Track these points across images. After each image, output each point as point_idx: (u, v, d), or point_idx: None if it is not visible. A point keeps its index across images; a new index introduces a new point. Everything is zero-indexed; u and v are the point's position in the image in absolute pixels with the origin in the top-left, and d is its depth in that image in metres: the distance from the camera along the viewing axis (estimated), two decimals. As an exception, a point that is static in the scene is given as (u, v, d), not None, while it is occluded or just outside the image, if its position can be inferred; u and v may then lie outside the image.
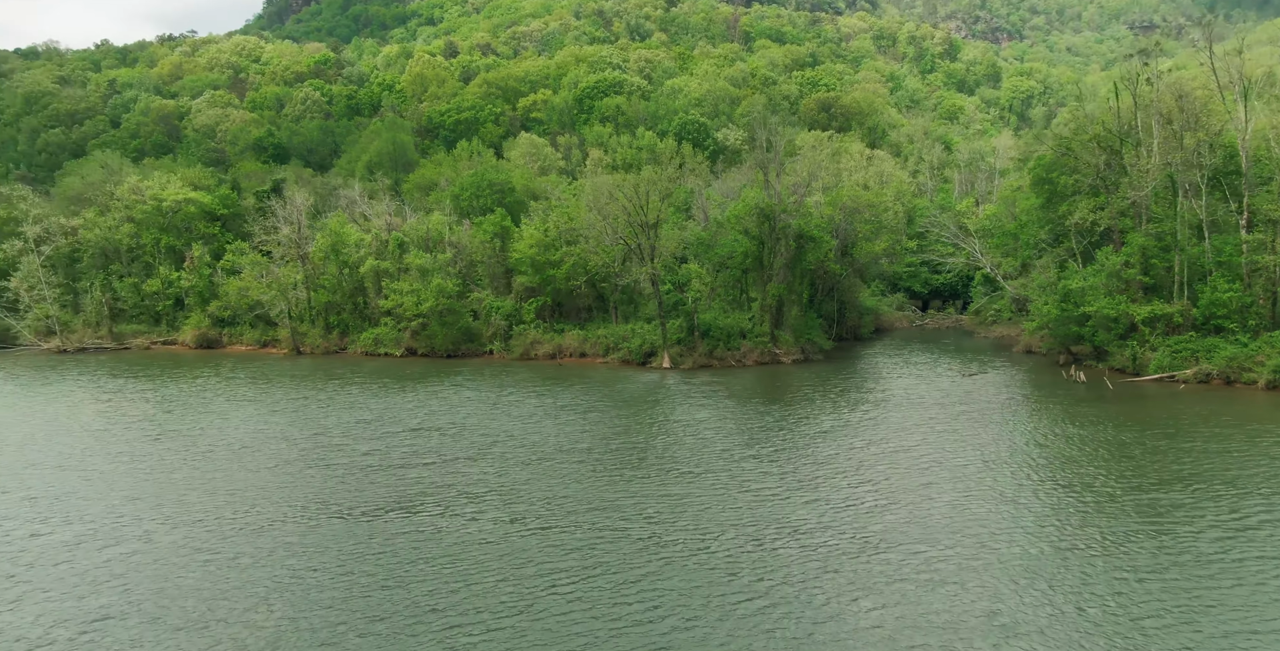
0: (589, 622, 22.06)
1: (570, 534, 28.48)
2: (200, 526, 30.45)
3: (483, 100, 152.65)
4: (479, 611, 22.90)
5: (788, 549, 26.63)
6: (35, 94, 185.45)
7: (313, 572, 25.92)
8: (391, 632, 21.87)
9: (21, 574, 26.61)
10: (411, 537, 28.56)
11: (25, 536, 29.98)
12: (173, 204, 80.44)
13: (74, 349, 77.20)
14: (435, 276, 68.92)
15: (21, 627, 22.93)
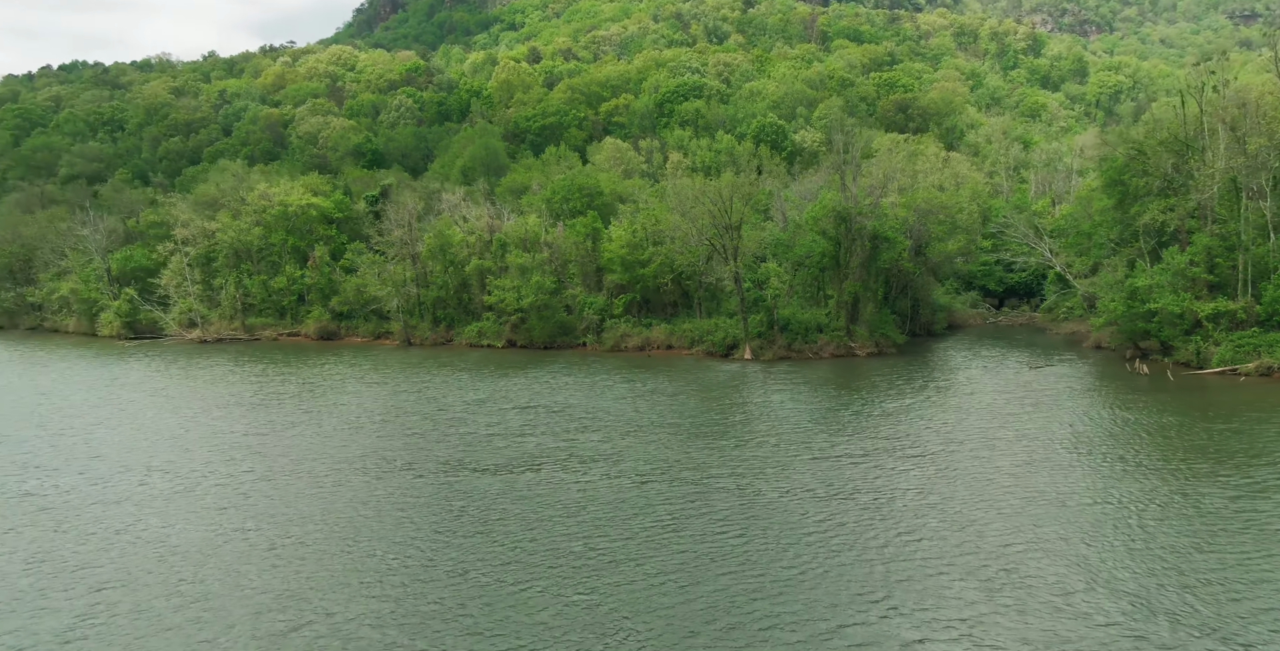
0: (693, 546, 28.06)
1: (667, 486, 34.58)
2: (369, 475, 37.66)
3: (566, 105, 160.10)
4: (610, 539, 29.15)
5: (846, 500, 32.14)
6: (155, 105, 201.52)
7: (465, 510, 32.64)
8: (541, 551, 28.26)
9: (247, 502, 34.11)
10: (540, 488, 35.09)
11: (244, 475, 37.65)
12: (296, 208, 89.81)
13: (212, 339, 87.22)
14: (534, 274, 76.03)
15: (263, 524, 30.20)
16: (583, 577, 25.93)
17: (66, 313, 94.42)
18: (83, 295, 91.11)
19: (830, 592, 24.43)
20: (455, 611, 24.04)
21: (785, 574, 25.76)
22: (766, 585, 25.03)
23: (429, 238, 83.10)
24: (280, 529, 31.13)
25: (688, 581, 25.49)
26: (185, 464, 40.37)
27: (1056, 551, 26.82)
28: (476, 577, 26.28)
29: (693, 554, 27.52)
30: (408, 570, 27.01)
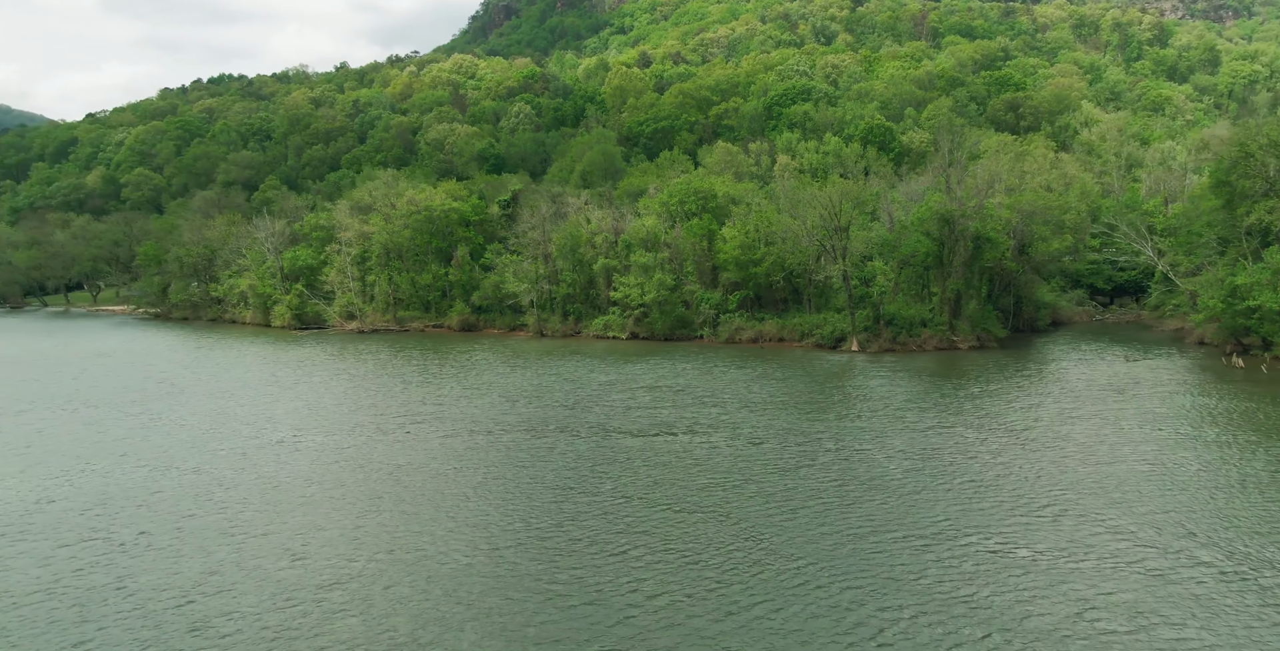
0: (803, 496, 35.41)
1: (778, 446, 41.98)
2: (534, 435, 46.51)
3: (677, 110, 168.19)
4: (731, 481, 36.86)
5: (927, 459, 38.74)
6: (298, 116, 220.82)
7: (615, 460, 40.90)
8: (678, 487, 36.19)
9: (445, 448, 43.42)
10: (673, 446, 43.09)
11: (437, 433, 47.18)
12: (440, 212, 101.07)
13: (368, 329, 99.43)
14: (655, 272, 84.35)
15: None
16: (715, 503, 33.69)
17: (244, 306, 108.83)
18: (259, 290, 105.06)
19: (910, 519, 31.36)
20: (617, 527, 32.19)
21: (872, 506, 32.84)
22: (857, 510, 32.18)
23: (559, 238, 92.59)
24: (479, 466, 40.17)
25: (791, 507, 32.90)
26: (388, 424, 50.28)
27: (1106, 499, 32.91)
28: (634, 504, 34.40)
29: (796, 490, 34.95)
30: (586, 496, 35.37)
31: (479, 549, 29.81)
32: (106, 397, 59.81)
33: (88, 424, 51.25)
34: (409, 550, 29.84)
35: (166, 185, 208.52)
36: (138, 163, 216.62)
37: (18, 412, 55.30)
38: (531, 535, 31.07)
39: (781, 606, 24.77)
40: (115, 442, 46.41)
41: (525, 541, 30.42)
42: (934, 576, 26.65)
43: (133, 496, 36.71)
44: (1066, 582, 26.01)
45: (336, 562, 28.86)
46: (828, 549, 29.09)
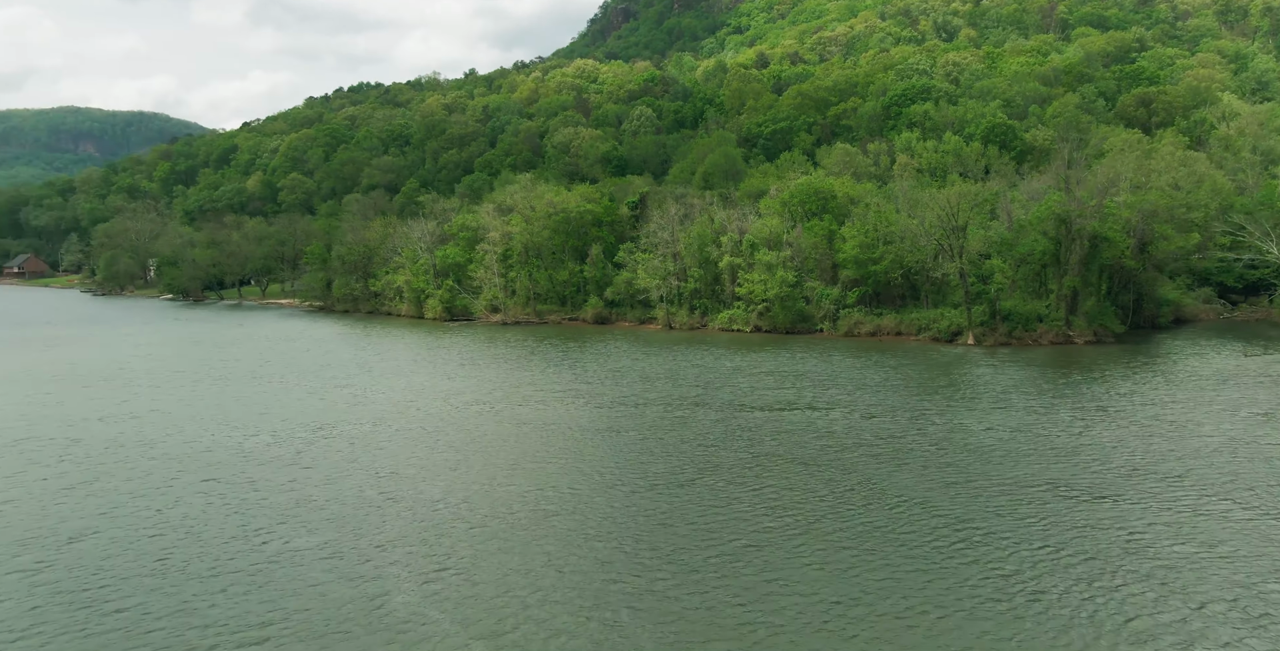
0: (905, 456, 41.59)
1: (889, 420, 48.14)
2: (674, 409, 54.16)
3: (795, 111, 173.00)
4: (846, 445, 43.41)
5: (1022, 432, 44.11)
6: (433, 122, 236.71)
7: (747, 430, 48.01)
8: (797, 456, 42.99)
9: (601, 419, 51.58)
10: (796, 420, 49.87)
11: (589, 407, 55.53)
12: (576, 213, 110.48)
13: (511, 321, 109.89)
14: (777, 270, 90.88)
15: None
16: (833, 460, 40.36)
17: (399, 300, 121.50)
18: (414, 285, 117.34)
19: (992, 473, 37.21)
20: (749, 474, 39.28)
21: (963, 464, 38.79)
22: (951, 467, 38.21)
23: (686, 238, 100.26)
24: (631, 430, 48.12)
25: (896, 463, 39.21)
26: (548, 397, 58.99)
27: (1185, 465, 37.83)
28: (764, 460, 41.43)
29: (900, 451, 41.23)
30: (723, 452, 42.70)
31: (638, 489, 37.56)
32: (313, 372, 71.28)
33: (309, 392, 62.25)
34: (585, 487, 37.90)
35: (317, 188, 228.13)
36: (291, 168, 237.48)
37: (252, 379, 67.08)
38: (681, 479, 38.65)
39: (884, 526, 31.38)
40: (337, 408, 56.84)
41: (676, 483, 38.02)
42: (1001, 514, 32.71)
43: (370, 443, 46.35)
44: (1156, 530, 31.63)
45: (537, 492, 37.15)
46: (923, 493, 35.46)
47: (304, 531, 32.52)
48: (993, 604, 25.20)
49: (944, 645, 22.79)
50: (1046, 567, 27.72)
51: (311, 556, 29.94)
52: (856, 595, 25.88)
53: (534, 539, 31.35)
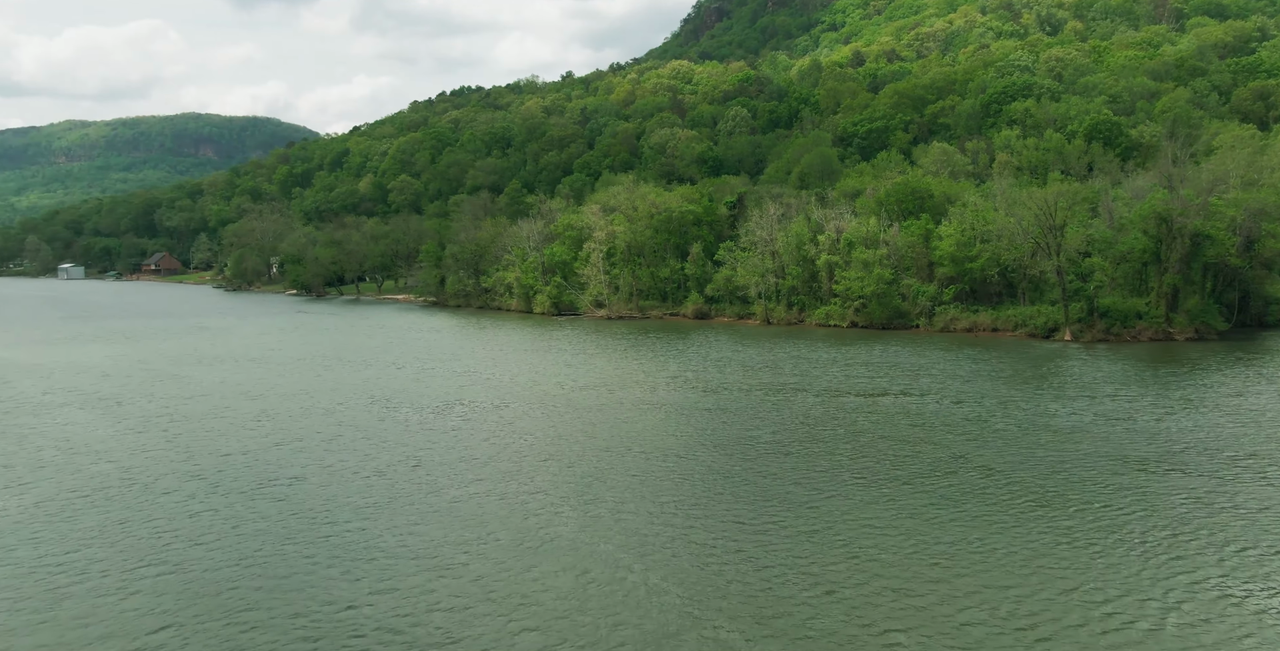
0: (990, 436, 45.83)
1: (976, 405, 52.24)
2: (776, 394, 59.42)
3: (892, 110, 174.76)
4: (932, 426, 47.94)
5: (1105, 420, 47.67)
6: (533, 124, 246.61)
7: (840, 412, 52.90)
8: (891, 433, 47.70)
9: (707, 402, 57.31)
10: (890, 405, 54.47)
11: (697, 392, 61.32)
12: (677, 213, 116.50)
13: (615, 316, 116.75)
14: (874, 267, 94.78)
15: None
16: (925, 437, 44.98)
17: (509, 295, 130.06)
18: (524, 282, 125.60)
19: (1085, 454, 41.23)
20: (849, 447, 44.26)
21: (1051, 444, 42.87)
22: (1033, 444, 42.37)
23: (784, 237, 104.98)
24: (737, 410, 53.70)
25: (982, 441, 43.56)
26: (657, 383, 65.04)
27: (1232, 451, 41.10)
28: (861, 436, 46.37)
29: (984, 432, 45.51)
30: (823, 429, 47.83)
31: (748, 456, 43.11)
32: (447, 360, 79.39)
33: (449, 376, 70.13)
34: (702, 452, 43.68)
35: (424, 189, 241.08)
36: (400, 170, 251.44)
37: (394, 367, 75.58)
38: (786, 448, 44.04)
39: (968, 489, 36.08)
40: (473, 388, 64.33)
41: (782, 452, 43.43)
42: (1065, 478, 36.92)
43: (511, 416, 53.35)
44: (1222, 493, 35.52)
45: (661, 454, 43.11)
46: (1004, 464, 39.92)
47: (474, 480, 39.42)
48: (1059, 547, 29.90)
49: (1016, 574, 27.72)
50: (1106, 522, 32.18)
51: (486, 499, 36.74)
52: (945, 538, 30.97)
53: (665, 488, 37.39)
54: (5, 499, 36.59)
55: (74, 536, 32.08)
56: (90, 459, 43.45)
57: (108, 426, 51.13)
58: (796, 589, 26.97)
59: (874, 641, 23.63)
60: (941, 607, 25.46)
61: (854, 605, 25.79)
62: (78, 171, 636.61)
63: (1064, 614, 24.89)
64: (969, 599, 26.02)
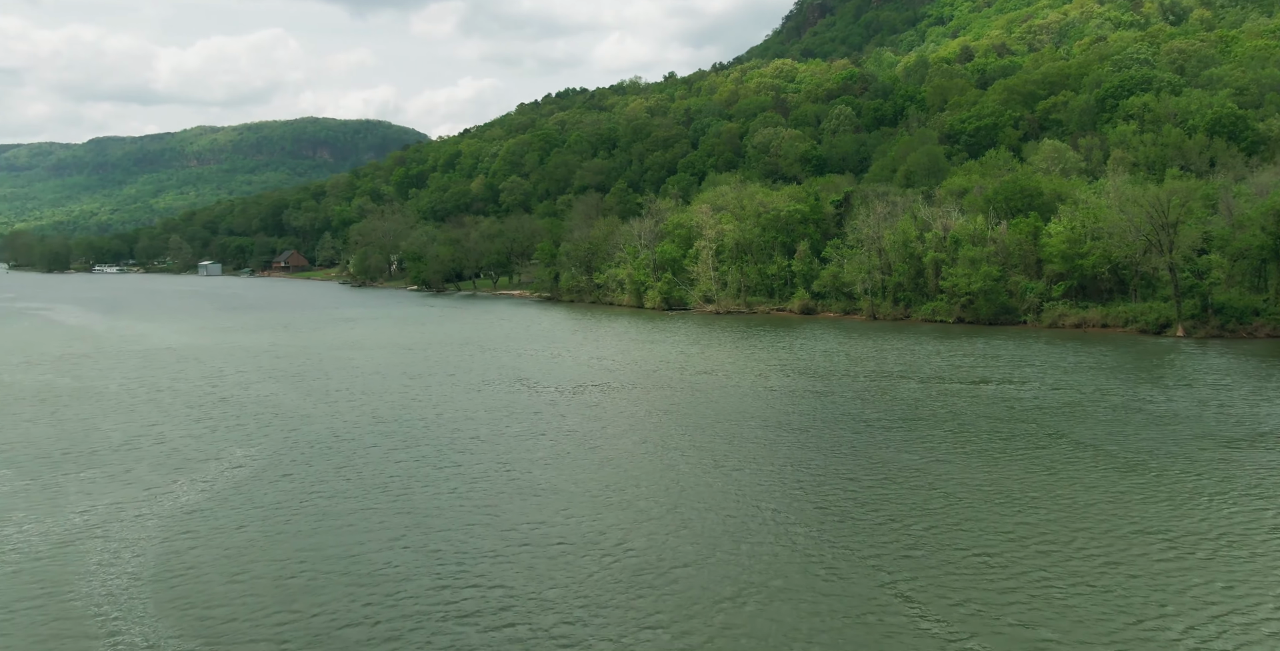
0: (1078, 420, 49.41)
1: (1071, 393, 55.67)
2: (880, 381, 63.97)
3: (1001, 106, 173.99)
4: (1030, 411, 51.79)
5: (1215, 415, 50.50)
6: (638, 125, 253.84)
7: (942, 396, 57.08)
8: (991, 413, 51.81)
9: (815, 385, 62.35)
10: (991, 392, 58.32)
11: (805, 378, 66.42)
12: (784, 212, 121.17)
13: (723, 311, 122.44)
14: (981, 264, 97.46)
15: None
16: (1024, 416, 49.00)
17: (621, 291, 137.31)
18: (635, 278, 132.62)
19: (1173, 433, 44.63)
20: (951, 424, 48.64)
21: (1140, 424, 46.29)
22: (1124, 426, 45.88)
23: (890, 235, 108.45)
24: (845, 393, 58.65)
25: (1071, 422, 47.34)
26: (769, 370, 70.45)
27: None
28: (962, 416, 50.74)
29: (1074, 414, 49.17)
30: (925, 409, 52.34)
31: (858, 429, 48.24)
32: (572, 348, 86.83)
33: (582, 360, 77.37)
34: (815, 425, 48.98)
35: (533, 189, 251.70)
36: (510, 171, 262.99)
37: (518, 355, 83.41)
38: (890, 423, 48.94)
39: (1059, 459, 40.32)
40: (598, 371, 71.23)
41: (884, 426, 48.36)
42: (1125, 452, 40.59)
43: (638, 396, 59.87)
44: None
45: (780, 428, 48.66)
46: (1094, 440, 43.97)
47: (619, 442, 45.99)
48: (1136, 500, 34.28)
49: (1092, 518, 32.40)
50: (1183, 484, 36.32)
51: (632, 456, 43.18)
52: (1034, 491, 35.72)
53: (785, 452, 43.17)
54: (249, 449, 45.28)
55: (314, 475, 40.18)
56: (298, 421, 52.13)
57: (300, 397, 60.16)
58: (903, 525, 32.38)
59: (970, 561, 28.85)
60: (1028, 538, 30.51)
61: (957, 536, 31.08)
62: (207, 174, 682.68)
63: (1129, 547, 29.63)
64: (1052, 533, 31.02)
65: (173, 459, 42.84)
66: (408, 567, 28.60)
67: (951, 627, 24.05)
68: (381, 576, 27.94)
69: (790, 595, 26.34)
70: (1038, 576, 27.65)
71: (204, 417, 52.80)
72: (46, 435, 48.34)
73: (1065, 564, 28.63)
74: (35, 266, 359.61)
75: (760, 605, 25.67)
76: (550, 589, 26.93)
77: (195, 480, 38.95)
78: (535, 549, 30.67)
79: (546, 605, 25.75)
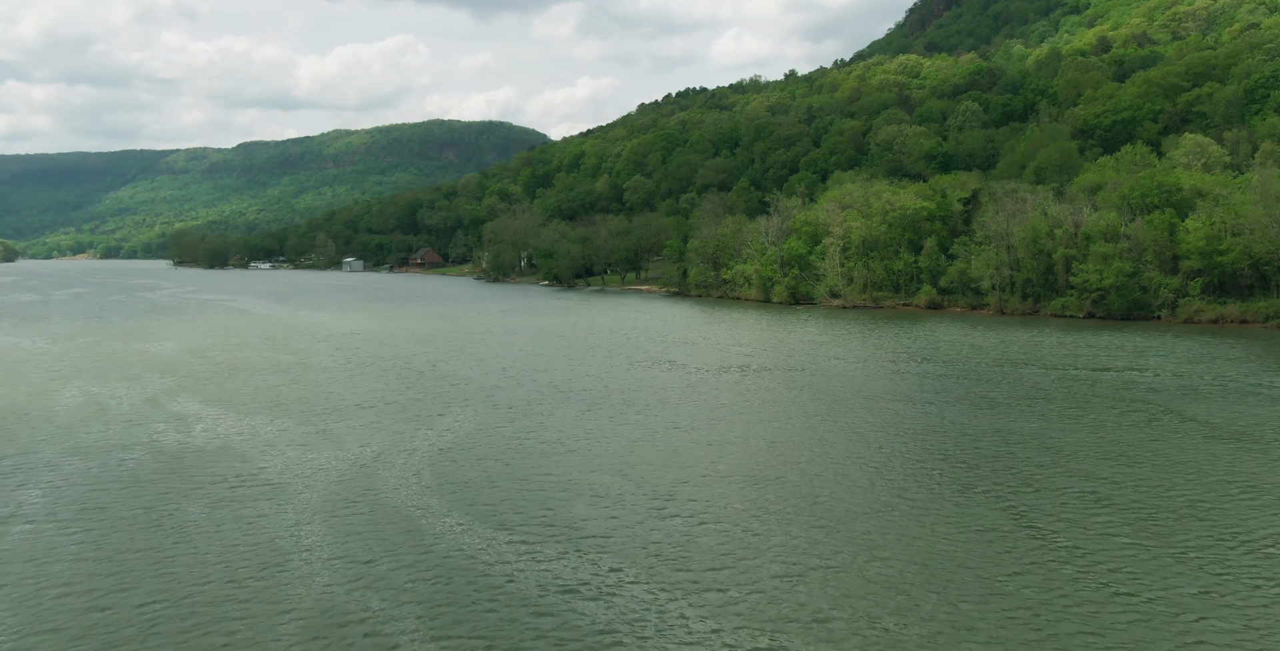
0: (1209, 403, 52.63)
1: (1194, 379, 58.64)
2: (1002, 366, 68.13)
3: (1139, 99, 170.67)
4: (1151, 391, 55.25)
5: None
6: (760, 124, 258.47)
7: (1066, 381, 60.93)
8: (1112, 398, 55.61)
9: (942, 372, 67.13)
10: (1112, 377, 61.83)
11: (927, 367, 71.17)
12: (911, 210, 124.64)
13: (849, 306, 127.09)
14: (1113, 260, 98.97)
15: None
16: (1146, 399, 52.73)
17: (748, 286, 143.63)
18: (763, 273, 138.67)
19: None
20: (1074, 404, 52.80)
21: (1252, 405, 49.55)
22: (1238, 406, 49.10)
23: (1019, 231, 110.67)
24: (971, 378, 63.36)
25: (1191, 400, 50.78)
26: (898, 358, 75.39)
27: None
28: (1089, 402, 54.71)
29: (1202, 394, 52.82)
30: (1050, 390, 56.51)
31: (980, 407, 53.43)
32: (705, 338, 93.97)
33: (717, 346, 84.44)
34: (940, 405, 54.32)
35: (656, 188, 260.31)
36: (633, 171, 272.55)
37: (670, 340, 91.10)
38: (1017, 402, 53.70)
39: (1170, 433, 44.50)
40: (737, 356, 77.96)
41: (1012, 406, 53.16)
42: None
43: (774, 374, 66.34)
44: None
45: (908, 406, 54.11)
46: (1207, 416, 47.77)
47: (768, 411, 52.71)
48: (1227, 461, 39.25)
49: (1200, 470, 37.47)
50: (1276, 451, 40.52)
51: (786, 422, 49.87)
52: (1147, 451, 40.70)
53: (917, 424, 49.37)
54: (463, 409, 54.88)
55: (524, 428, 49.53)
56: (491, 390, 61.61)
57: (483, 373, 69.89)
58: (1018, 472, 38.40)
59: (1075, 497, 34.73)
60: (1126, 482, 36.14)
61: (1066, 480, 37.22)
62: (342, 175, 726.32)
63: (1214, 490, 35.21)
64: (1148, 478, 36.75)
65: (408, 414, 52.58)
66: (620, 489, 36.58)
67: (1058, 542, 30.44)
68: (603, 491, 36.04)
69: (922, 515, 33.19)
70: (1136, 509, 33.46)
71: (412, 387, 62.74)
72: (299, 396, 59.24)
73: (1158, 500, 34.36)
74: (198, 263, 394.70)
75: (896, 520, 32.55)
76: (736, 508, 34.49)
77: (434, 429, 48.35)
78: (720, 480, 38.24)
79: (731, 518, 33.32)
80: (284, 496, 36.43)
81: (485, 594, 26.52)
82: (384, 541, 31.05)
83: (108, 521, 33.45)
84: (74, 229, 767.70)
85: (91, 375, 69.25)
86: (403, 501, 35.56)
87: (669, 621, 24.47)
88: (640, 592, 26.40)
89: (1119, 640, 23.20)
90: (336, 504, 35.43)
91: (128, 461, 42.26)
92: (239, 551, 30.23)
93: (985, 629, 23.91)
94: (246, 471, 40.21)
